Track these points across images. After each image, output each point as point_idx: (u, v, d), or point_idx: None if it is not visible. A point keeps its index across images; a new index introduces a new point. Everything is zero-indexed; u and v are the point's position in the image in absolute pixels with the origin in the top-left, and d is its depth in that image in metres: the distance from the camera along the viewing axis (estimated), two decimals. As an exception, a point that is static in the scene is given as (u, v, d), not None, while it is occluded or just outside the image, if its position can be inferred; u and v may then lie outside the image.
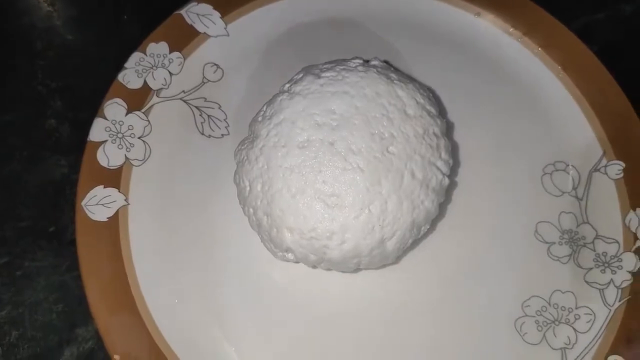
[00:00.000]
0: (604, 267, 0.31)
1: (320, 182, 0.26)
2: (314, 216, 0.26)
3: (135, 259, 0.29)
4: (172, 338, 0.28)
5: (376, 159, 0.26)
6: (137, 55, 0.33)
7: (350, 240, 0.26)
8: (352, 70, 0.28)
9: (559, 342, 0.29)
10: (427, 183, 0.27)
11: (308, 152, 0.26)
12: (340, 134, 0.26)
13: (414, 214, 0.27)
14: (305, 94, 0.27)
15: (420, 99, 0.28)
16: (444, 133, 0.29)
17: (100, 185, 0.30)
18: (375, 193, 0.26)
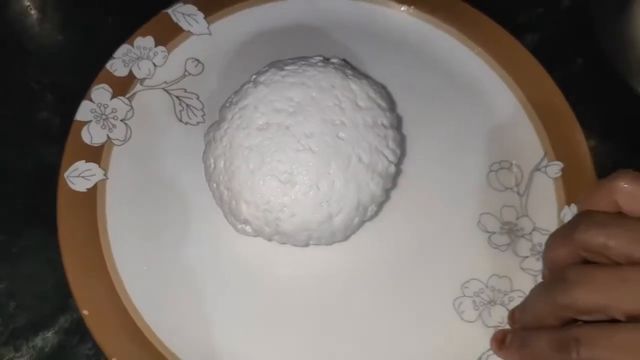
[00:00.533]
0: (539, 256, 0.34)
1: (275, 161, 0.29)
2: (268, 191, 0.29)
3: (110, 227, 0.32)
4: (139, 300, 0.30)
5: (327, 142, 0.29)
6: (125, 47, 0.36)
7: (300, 214, 0.29)
8: (312, 65, 0.31)
9: (493, 321, 0.32)
10: (374, 168, 0.30)
11: (266, 133, 0.29)
12: (296, 119, 0.30)
13: (360, 194, 0.30)
14: (268, 83, 0.31)
15: (371, 93, 0.31)
16: (394, 125, 0.32)
17: (82, 160, 0.33)
18: (324, 173, 0.29)
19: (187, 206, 0.33)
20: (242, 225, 0.31)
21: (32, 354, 0.31)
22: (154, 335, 0.29)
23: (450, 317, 0.32)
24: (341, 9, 0.39)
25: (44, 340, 0.31)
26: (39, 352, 0.31)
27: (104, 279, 0.30)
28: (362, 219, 0.31)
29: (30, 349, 0.31)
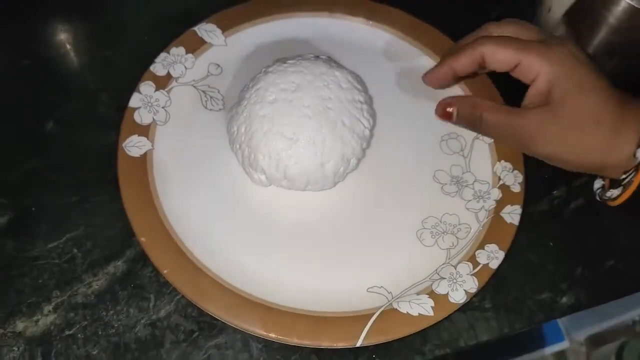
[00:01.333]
0: (479, 199, 0.44)
1: (282, 125, 0.40)
2: (279, 145, 0.40)
3: (157, 181, 0.42)
4: (180, 230, 0.41)
5: (319, 111, 0.41)
6: (164, 54, 0.47)
7: (301, 161, 0.40)
8: (307, 59, 0.43)
9: (446, 245, 0.42)
10: (353, 129, 0.41)
11: (275, 105, 0.41)
12: (296, 95, 0.41)
13: (344, 148, 0.41)
14: (275, 71, 0.42)
15: (350, 79, 0.43)
16: (367, 102, 0.44)
17: (135, 134, 0.44)
18: (318, 132, 0.40)
19: (211, 167, 0.44)
20: (258, 175, 0.42)
21: (107, 277, 0.40)
22: (192, 253, 0.40)
23: (414, 243, 0.43)
24: (325, 24, 0.51)
25: (115, 267, 0.41)
26: (112, 276, 0.40)
27: (155, 216, 0.41)
28: (346, 169, 0.42)
29: (105, 274, 0.40)
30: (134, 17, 0.52)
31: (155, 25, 0.52)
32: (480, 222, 0.43)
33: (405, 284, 0.41)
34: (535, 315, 0.41)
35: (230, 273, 0.40)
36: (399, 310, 0.39)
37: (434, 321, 0.39)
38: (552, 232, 0.45)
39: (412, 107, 0.49)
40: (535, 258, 0.44)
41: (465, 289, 0.40)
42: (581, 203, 0.46)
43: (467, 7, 0.56)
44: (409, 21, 0.52)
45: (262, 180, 0.42)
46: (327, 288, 0.40)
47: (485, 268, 0.41)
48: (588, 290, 0.43)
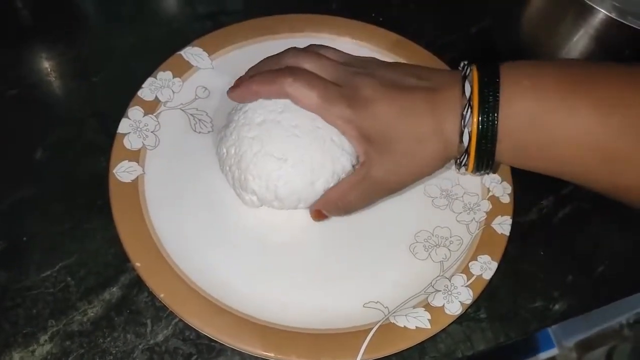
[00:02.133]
0: (469, 211, 0.45)
1: (271, 145, 0.40)
2: (268, 166, 0.40)
3: (149, 206, 0.42)
4: (173, 253, 0.41)
5: (308, 130, 0.41)
6: (151, 79, 0.48)
7: (291, 181, 0.40)
8: None
9: (438, 257, 0.43)
10: (343, 147, 0.42)
11: (264, 127, 0.41)
12: (284, 115, 0.41)
13: (334, 166, 0.41)
14: None
15: None
16: None
17: (126, 160, 0.44)
18: (307, 151, 0.41)
19: (203, 189, 0.44)
20: (249, 197, 0.42)
21: (102, 304, 0.40)
22: (187, 276, 0.40)
23: (408, 257, 0.43)
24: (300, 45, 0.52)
25: (110, 294, 0.40)
26: (107, 303, 0.40)
27: (149, 241, 0.41)
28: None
29: (100, 301, 0.40)
30: (119, 42, 0.52)
31: (141, 49, 0.52)
32: (471, 234, 0.44)
33: (401, 298, 0.41)
34: (529, 324, 0.42)
35: (226, 294, 0.40)
36: (397, 325, 0.39)
37: (431, 334, 0.39)
38: (542, 241, 0.46)
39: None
40: (526, 267, 0.44)
41: (460, 300, 0.40)
42: (569, 211, 0.47)
43: (448, 24, 0.57)
44: (394, 39, 0.53)
45: (254, 202, 0.42)
46: (324, 305, 0.40)
47: (479, 279, 0.41)
48: (580, 297, 0.43)
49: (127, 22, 0.54)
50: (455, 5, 0.59)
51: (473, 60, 0.39)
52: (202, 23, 0.54)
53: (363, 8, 0.56)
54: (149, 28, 0.53)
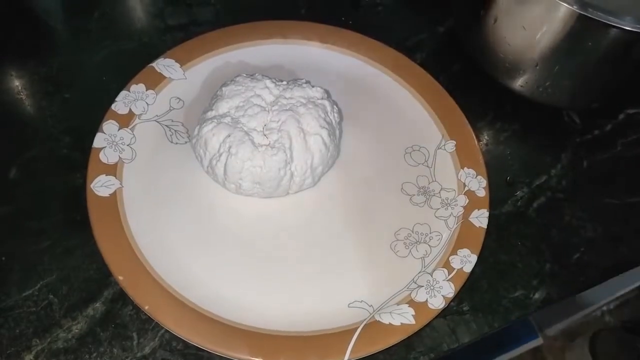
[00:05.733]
0: (447, 206, 0.46)
1: (246, 134, 0.41)
2: (249, 155, 0.41)
3: (129, 218, 0.42)
4: (155, 263, 0.41)
5: (284, 118, 0.42)
6: (124, 92, 0.47)
7: (270, 168, 0.41)
8: (256, 79, 0.44)
9: (419, 254, 0.44)
10: (323, 142, 0.42)
11: (238, 118, 0.42)
12: (257, 106, 0.42)
13: (312, 160, 0.42)
14: (233, 83, 0.44)
15: (305, 86, 0.44)
16: (337, 121, 0.45)
17: (103, 174, 0.43)
18: (290, 141, 0.41)
19: (182, 199, 0.44)
20: (233, 185, 0.42)
21: (86, 320, 0.40)
22: (171, 287, 0.40)
23: (389, 255, 0.44)
24: (281, 49, 0.53)
25: (94, 309, 0.40)
26: (91, 318, 0.40)
27: (130, 254, 0.40)
28: (314, 176, 0.43)
29: (84, 317, 0.40)
30: (90, 57, 0.52)
31: (112, 63, 0.52)
32: (450, 229, 0.45)
33: (385, 296, 0.41)
34: (511, 313, 0.43)
35: (211, 302, 0.40)
36: (382, 322, 0.40)
37: (416, 329, 0.39)
38: (519, 232, 0.47)
39: (374, 124, 0.50)
40: (505, 258, 0.45)
41: (443, 294, 0.41)
42: (543, 201, 0.48)
43: (416, 24, 0.58)
44: (362, 41, 0.53)
45: (243, 186, 0.42)
46: (309, 308, 0.41)
47: (460, 272, 0.42)
48: (558, 284, 0.44)
49: (96, 36, 0.53)
50: (422, 6, 0.60)
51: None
52: (173, 34, 0.54)
53: (332, 12, 0.57)
54: (119, 41, 0.53)
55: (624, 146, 0.52)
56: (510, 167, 0.50)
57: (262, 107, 0.43)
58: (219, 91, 0.44)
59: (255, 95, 0.43)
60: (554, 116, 0.54)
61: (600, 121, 0.54)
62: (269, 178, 0.41)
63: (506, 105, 0.54)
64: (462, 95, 0.51)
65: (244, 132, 0.41)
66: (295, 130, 0.42)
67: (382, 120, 0.50)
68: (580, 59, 0.45)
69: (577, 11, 0.40)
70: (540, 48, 0.46)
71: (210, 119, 0.42)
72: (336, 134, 0.45)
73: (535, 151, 0.51)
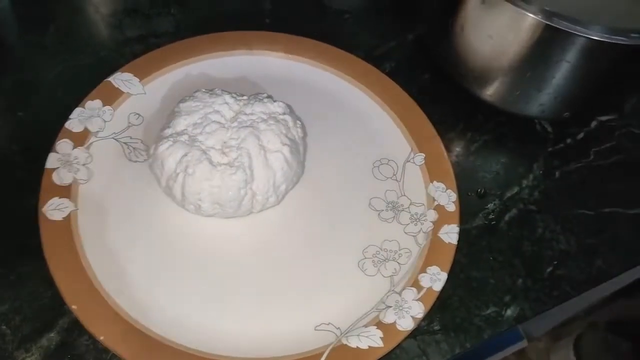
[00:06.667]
0: (416, 222, 0.45)
1: (204, 152, 0.40)
2: (206, 175, 0.39)
3: (84, 244, 0.40)
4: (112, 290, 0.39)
5: (243, 136, 0.40)
6: (79, 109, 0.46)
7: (230, 188, 0.39)
8: (216, 94, 0.43)
9: (388, 272, 0.42)
10: (285, 159, 0.41)
11: (195, 136, 0.40)
12: (215, 124, 0.41)
13: (274, 178, 0.40)
14: (192, 99, 0.42)
15: (267, 101, 0.43)
16: (300, 136, 0.43)
17: (56, 197, 0.42)
18: (250, 160, 0.40)
19: (141, 220, 0.42)
20: (192, 206, 0.40)
21: (40, 351, 0.38)
22: (128, 314, 0.38)
23: (357, 274, 0.42)
24: (245, 61, 0.51)
25: (48, 340, 0.38)
26: (45, 350, 0.38)
27: (85, 281, 0.39)
28: (277, 195, 0.42)
29: (38, 349, 0.38)
30: (45, 73, 0.50)
31: (68, 79, 0.50)
32: (420, 245, 0.43)
33: (353, 318, 0.40)
34: (483, 331, 0.42)
35: (171, 329, 0.38)
36: (349, 346, 0.38)
37: (384, 352, 0.38)
38: (490, 246, 0.46)
39: (341, 137, 0.49)
40: (477, 274, 0.44)
41: (412, 315, 0.40)
42: (515, 214, 0.47)
43: (384, 33, 0.57)
44: (327, 51, 0.52)
45: (202, 207, 0.41)
46: (274, 332, 0.39)
47: (429, 291, 0.41)
48: (531, 300, 0.43)
49: (52, 51, 0.51)
50: (391, 14, 0.59)
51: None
52: (132, 47, 0.52)
53: (298, 22, 0.56)
54: (76, 56, 0.51)
55: (597, 154, 0.51)
56: (481, 179, 0.49)
57: (221, 124, 0.41)
58: (177, 107, 0.42)
59: (214, 112, 0.41)
60: (527, 125, 0.53)
61: (573, 130, 0.53)
62: (229, 198, 0.40)
63: (477, 115, 0.52)
64: (432, 105, 0.50)
65: (201, 151, 0.40)
66: (256, 147, 0.40)
67: (350, 133, 0.49)
68: (548, 68, 0.43)
69: (542, 21, 0.39)
70: (507, 57, 0.45)
71: (167, 138, 0.41)
72: (300, 150, 0.43)
73: (507, 162, 0.50)
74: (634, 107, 0.55)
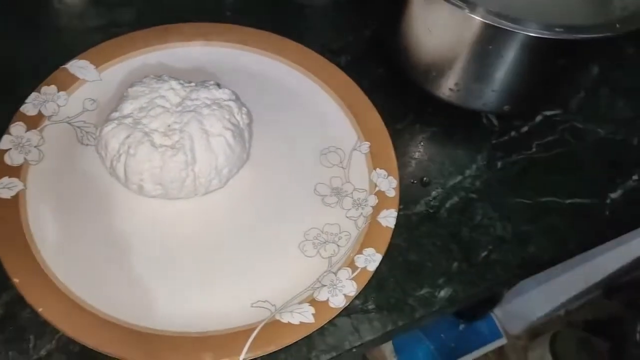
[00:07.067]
0: (358, 207, 0.46)
1: (146, 134, 0.41)
2: (147, 156, 0.41)
3: (31, 222, 0.42)
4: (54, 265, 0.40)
5: (186, 120, 0.42)
6: (34, 94, 0.47)
7: (170, 169, 0.41)
8: (163, 80, 0.44)
9: (327, 254, 0.44)
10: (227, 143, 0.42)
11: (139, 119, 0.42)
12: (159, 108, 0.42)
13: (216, 161, 0.42)
14: (137, 85, 0.44)
15: (212, 87, 0.44)
16: (246, 122, 0.45)
17: (6, 176, 0.43)
18: (192, 142, 0.41)
19: (88, 200, 0.44)
20: (135, 185, 0.42)
21: (-18, 324, 0.39)
22: (67, 288, 0.40)
23: (296, 255, 0.44)
24: (199, 52, 0.53)
25: (-9, 312, 0.40)
26: (-12, 322, 0.39)
27: (28, 256, 0.40)
28: (221, 177, 0.43)
29: (-20, 321, 0.39)
30: (4, 59, 0.52)
31: (27, 64, 0.51)
32: (359, 229, 0.45)
33: (289, 296, 0.41)
34: (415, 311, 0.43)
35: (109, 305, 0.39)
36: (281, 321, 0.40)
37: (315, 328, 0.40)
38: (430, 232, 0.47)
39: (291, 126, 0.50)
40: (414, 257, 0.46)
41: (344, 293, 0.41)
42: (455, 201, 0.49)
43: (343, 27, 0.59)
44: (282, 42, 0.54)
45: (145, 188, 0.42)
46: (212, 307, 0.41)
47: (363, 271, 0.42)
48: (465, 283, 0.45)
49: (12, 37, 0.53)
50: (350, 8, 0.61)
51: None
52: (93, 36, 0.53)
53: (258, 14, 0.57)
54: (36, 43, 0.53)
55: (539, 147, 0.53)
56: (427, 168, 0.51)
57: (166, 108, 0.43)
58: (125, 92, 0.44)
59: (160, 97, 0.43)
60: (474, 118, 0.54)
61: (518, 123, 0.54)
62: (170, 179, 0.41)
63: (428, 108, 0.54)
64: (383, 97, 0.52)
65: (143, 133, 0.41)
66: (198, 131, 0.42)
67: (300, 122, 0.50)
68: (481, 61, 0.45)
69: (472, 15, 0.41)
70: (445, 51, 0.46)
71: (112, 120, 0.42)
72: (244, 135, 0.45)
73: (452, 152, 0.52)
74: (578, 103, 0.56)
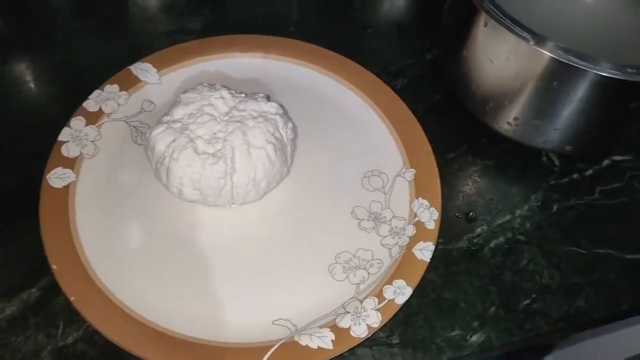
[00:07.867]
0: (395, 235, 0.45)
1: (191, 141, 0.42)
2: (189, 162, 0.41)
3: (77, 213, 0.44)
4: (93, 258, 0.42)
5: (231, 130, 0.42)
6: (97, 91, 0.49)
7: (209, 176, 0.42)
8: (215, 89, 0.45)
9: (356, 280, 0.43)
10: (267, 156, 0.42)
11: (187, 125, 0.43)
12: (206, 116, 0.43)
13: (255, 173, 0.42)
14: (189, 92, 0.45)
15: (261, 101, 0.45)
16: (290, 137, 0.45)
17: (61, 166, 0.45)
18: (233, 152, 0.42)
19: (133, 198, 0.45)
20: (175, 189, 0.43)
21: (19, 303, 0.41)
22: (101, 281, 0.41)
23: (325, 277, 0.43)
24: (258, 64, 0.53)
25: (28, 294, 0.41)
26: (24, 303, 0.41)
27: (69, 245, 0.42)
28: (259, 190, 0.43)
29: (18, 300, 0.41)
30: (78, 55, 0.55)
31: (96, 62, 0.54)
32: (392, 258, 0.43)
33: (311, 318, 0.41)
34: (443, 353, 0.41)
35: (137, 303, 0.40)
36: (299, 343, 0.39)
37: (332, 355, 0.39)
38: (469, 270, 0.45)
39: (337, 144, 0.50)
40: (448, 295, 0.44)
41: (368, 323, 0.40)
42: (501, 241, 0.46)
43: (404, 50, 0.58)
44: (339, 61, 0.54)
45: (184, 192, 0.43)
46: (234, 318, 0.41)
47: (390, 303, 0.41)
48: (500, 329, 0.42)
49: (88, 35, 0.56)
50: (413, 32, 0.60)
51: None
52: (160, 41, 0.56)
53: (320, 32, 0.58)
54: (108, 43, 0.56)
55: (602, 193, 0.50)
56: (474, 203, 0.49)
57: (214, 116, 0.43)
58: (178, 98, 0.45)
59: (209, 105, 0.44)
60: (533, 155, 0.52)
61: (581, 165, 0.51)
62: (208, 186, 0.42)
63: (482, 139, 0.52)
64: (437, 124, 0.51)
65: (188, 139, 0.42)
66: (240, 142, 0.42)
67: (346, 141, 0.50)
68: (545, 97, 0.43)
69: (537, 49, 0.39)
70: (506, 83, 0.44)
71: (162, 124, 0.43)
72: (287, 150, 0.45)
73: (504, 189, 0.50)
74: (652, 150, 0.52)
